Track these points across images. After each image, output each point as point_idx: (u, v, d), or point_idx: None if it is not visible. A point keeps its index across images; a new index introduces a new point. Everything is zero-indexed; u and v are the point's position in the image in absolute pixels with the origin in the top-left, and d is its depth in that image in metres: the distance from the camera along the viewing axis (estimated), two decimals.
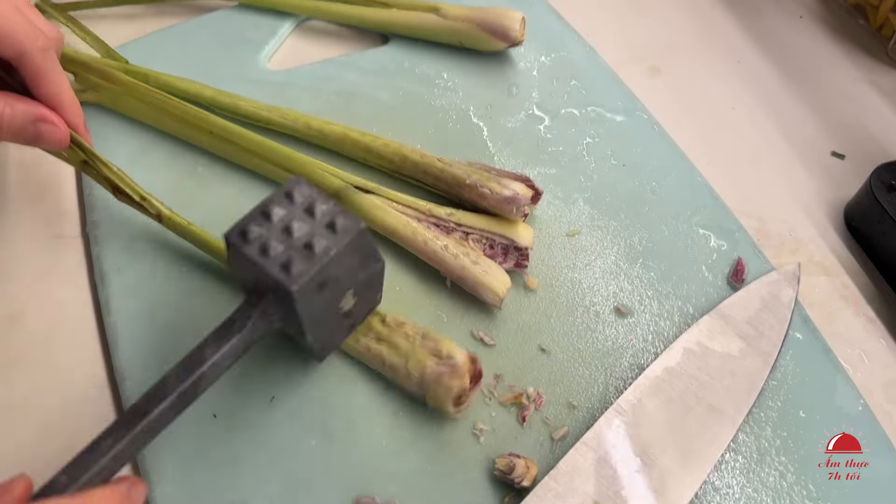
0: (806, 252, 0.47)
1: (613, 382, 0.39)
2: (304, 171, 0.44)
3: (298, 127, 0.47)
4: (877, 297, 0.45)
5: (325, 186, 0.43)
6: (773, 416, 0.38)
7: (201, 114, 0.46)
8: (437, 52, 0.54)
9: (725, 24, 0.61)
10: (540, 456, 0.36)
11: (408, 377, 0.36)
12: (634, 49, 0.58)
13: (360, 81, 0.52)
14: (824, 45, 0.60)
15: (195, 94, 0.49)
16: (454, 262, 0.40)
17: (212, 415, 0.37)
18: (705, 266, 0.44)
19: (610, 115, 0.51)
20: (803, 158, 0.52)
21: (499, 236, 0.42)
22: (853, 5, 0.63)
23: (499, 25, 0.52)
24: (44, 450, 0.37)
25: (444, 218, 0.42)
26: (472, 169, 0.44)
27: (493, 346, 0.40)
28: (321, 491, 0.35)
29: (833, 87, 0.57)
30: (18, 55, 0.36)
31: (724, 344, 0.39)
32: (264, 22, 0.56)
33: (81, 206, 0.46)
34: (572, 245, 0.44)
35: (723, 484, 0.36)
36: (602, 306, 0.42)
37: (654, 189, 0.47)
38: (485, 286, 0.39)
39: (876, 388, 0.41)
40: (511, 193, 0.42)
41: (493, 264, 0.41)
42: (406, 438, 0.37)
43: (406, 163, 0.45)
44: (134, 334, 0.39)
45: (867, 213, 0.46)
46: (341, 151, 0.47)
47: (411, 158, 0.45)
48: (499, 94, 0.52)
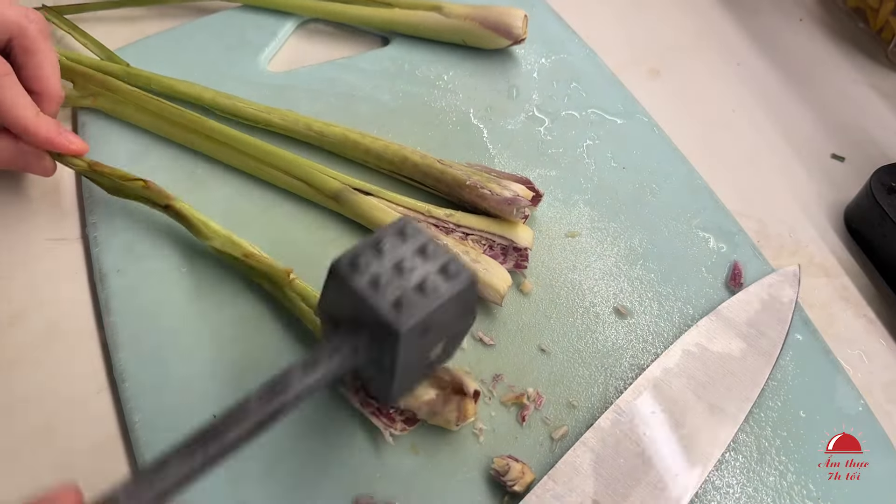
0: (806, 254, 0.47)
1: (613, 383, 0.39)
2: (301, 173, 0.44)
3: (298, 129, 0.47)
4: (877, 298, 0.45)
5: (324, 188, 0.43)
6: (774, 416, 0.38)
7: (199, 118, 0.46)
8: (437, 54, 0.54)
9: (725, 27, 0.62)
10: (539, 455, 0.36)
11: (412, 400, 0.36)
12: (634, 51, 0.58)
13: (360, 83, 0.52)
14: (824, 47, 0.60)
15: (195, 96, 0.49)
16: None
17: (212, 415, 0.37)
18: (705, 268, 0.44)
19: (610, 118, 0.51)
20: (803, 160, 0.52)
21: (498, 237, 0.42)
22: (853, 8, 0.63)
23: (501, 23, 0.52)
24: (44, 450, 0.37)
25: (443, 219, 0.42)
26: (473, 170, 0.44)
27: (492, 346, 0.40)
28: (321, 491, 0.35)
29: (833, 90, 0.57)
30: (19, 31, 0.37)
31: (724, 344, 0.39)
32: (264, 24, 0.56)
33: (81, 208, 0.46)
34: (572, 246, 0.44)
35: (723, 483, 0.36)
36: (602, 307, 0.42)
37: (654, 191, 0.47)
38: (485, 284, 0.39)
39: (876, 388, 0.41)
40: (511, 195, 0.42)
41: (493, 262, 0.41)
42: (406, 438, 0.37)
43: (406, 164, 0.45)
44: (134, 335, 0.39)
45: (867, 215, 0.46)
46: (341, 153, 0.47)
47: (411, 160, 0.45)
48: (499, 96, 0.52)
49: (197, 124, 0.46)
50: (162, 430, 0.36)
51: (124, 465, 0.36)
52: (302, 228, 0.44)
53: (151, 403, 0.37)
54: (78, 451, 0.37)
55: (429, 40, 0.55)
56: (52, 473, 0.36)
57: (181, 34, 0.55)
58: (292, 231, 0.44)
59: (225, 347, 0.39)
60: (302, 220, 0.45)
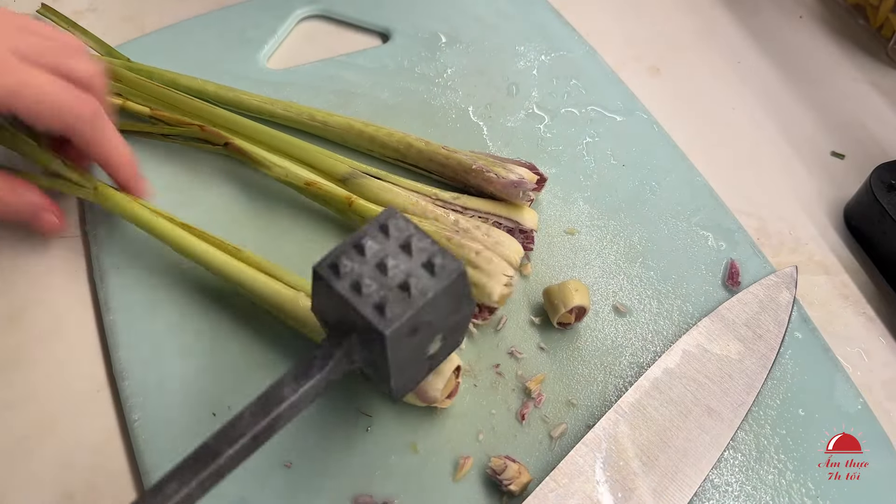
0: (806, 251, 0.47)
1: (613, 381, 0.39)
2: (308, 157, 0.44)
3: (302, 119, 0.48)
4: (876, 295, 0.45)
5: (332, 172, 0.44)
6: (772, 415, 0.38)
7: (205, 106, 0.47)
8: (436, 52, 0.54)
9: (725, 24, 0.61)
10: (539, 454, 0.36)
11: None
12: (634, 48, 0.58)
13: (359, 81, 0.52)
14: (824, 44, 0.60)
15: (198, 89, 0.49)
16: (466, 236, 0.40)
17: (211, 413, 0.37)
18: (704, 266, 0.44)
19: (610, 115, 0.51)
20: (803, 158, 0.52)
21: (504, 219, 0.42)
22: (853, 5, 0.63)
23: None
24: (44, 448, 0.37)
25: (449, 201, 0.43)
26: (478, 155, 0.44)
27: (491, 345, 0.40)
28: (320, 490, 0.35)
29: (833, 87, 0.57)
30: (67, 129, 0.37)
31: (722, 346, 0.39)
32: (264, 21, 0.56)
33: (81, 206, 0.46)
34: (572, 244, 0.44)
35: (722, 482, 0.36)
36: (601, 305, 0.42)
37: (653, 189, 0.47)
38: (499, 257, 0.39)
39: (876, 386, 0.41)
40: (517, 177, 0.42)
41: (504, 234, 0.41)
42: (405, 436, 0.37)
43: (411, 150, 0.45)
44: (133, 333, 0.40)
45: (867, 213, 0.46)
46: (345, 143, 0.48)
47: (416, 146, 0.45)
48: (498, 94, 0.52)
49: (206, 113, 0.47)
50: (161, 428, 0.36)
51: (124, 464, 0.36)
52: (299, 227, 0.44)
53: (151, 402, 0.37)
54: (78, 449, 0.37)
55: (429, 38, 0.55)
56: (52, 472, 0.36)
57: (179, 31, 0.55)
58: (293, 230, 0.44)
59: (224, 345, 0.39)
60: (301, 221, 0.45)
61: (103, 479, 0.36)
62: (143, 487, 0.35)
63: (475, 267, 0.38)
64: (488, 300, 0.38)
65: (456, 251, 0.39)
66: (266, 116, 0.48)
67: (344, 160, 0.44)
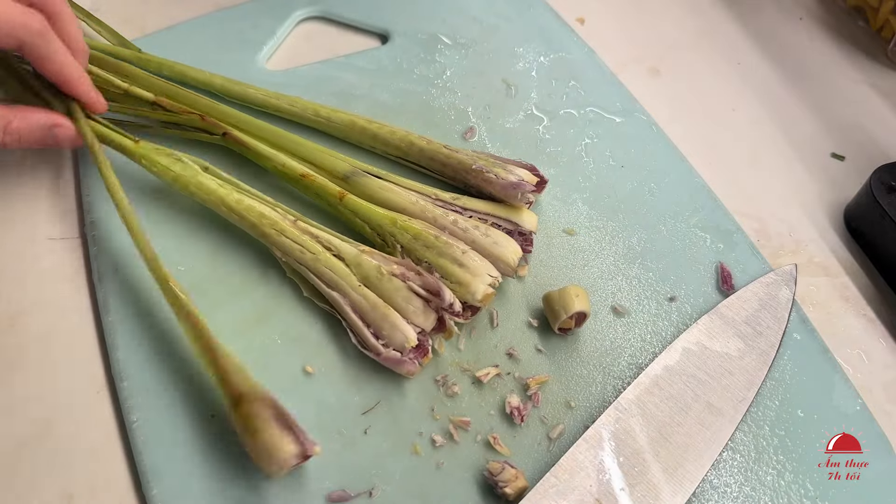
0: (806, 253, 0.47)
1: (611, 382, 0.39)
2: (311, 156, 0.45)
3: (307, 115, 0.48)
4: (877, 297, 0.45)
5: (333, 170, 0.44)
6: (771, 416, 0.38)
7: (211, 102, 0.47)
8: (435, 53, 0.54)
9: (725, 25, 0.61)
10: (537, 454, 0.36)
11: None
12: (634, 50, 0.58)
13: (358, 82, 0.52)
14: (824, 46, 0.60)
15: (206, 82, 0.50)
16: (464, 237, 0.40)
17: (209, 415, 0.37)
18: (703, 267, 0.44)
19: (609, 116, 0.51)
20: (803, 159, 0.52)
21: (504, 220, 0.42)
22: (853, 7, 0.63)
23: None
24: (43, 449, 0.37)
25: (449, 202, 0.43)
26: (478, 155, 0.44)
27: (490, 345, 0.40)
28: (319, 489, 0.35)
29: (833, 89, 0.57)
30: (17, 46, 0.38)
31: (722, 343, 0.39)
32: (263, 22, 0.56)
33: (80, 207, 0.46)
34: (570, 245, 0.44)
35: (721, 482, 0.36)
36: (600, 306, 0.42)
37: (652, 190, 0.47)
38: (496, 257, 0.39)
39: (877, 388, 0.41)
40: (516, 179, 0.42)
41: (502, 235, 0.41)
42: (405, 436, 0.37)
43: (412, 149, 0.45)
44: (133, 334, 0.40)
45: (867, 214, 0.46)
46: (348, 139, 0.48)
47: (418, 145, 0.45)
48: (497, 95, 0.52)
49: (209, 108, 0.47)
50: (160, 429, 0.36)
51: (123, 465, 0.36)
52: None
53: (149, 403, 0.37)
54: (77, 450, 0.37)
55: (428, 39, 0.55)
56: (51, 473, 0.36)
57: (180, 33, 0.55)
58: None
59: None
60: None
61: (102, 480, 0.36)
62: (142, 488, 0.35)
63: (460, 265, 0.38)
64: (472, 299, 0.38)
65: (442, 249, 0.39)
66: (272, 111, 0.49)
67: (345, 158, 0.45)
